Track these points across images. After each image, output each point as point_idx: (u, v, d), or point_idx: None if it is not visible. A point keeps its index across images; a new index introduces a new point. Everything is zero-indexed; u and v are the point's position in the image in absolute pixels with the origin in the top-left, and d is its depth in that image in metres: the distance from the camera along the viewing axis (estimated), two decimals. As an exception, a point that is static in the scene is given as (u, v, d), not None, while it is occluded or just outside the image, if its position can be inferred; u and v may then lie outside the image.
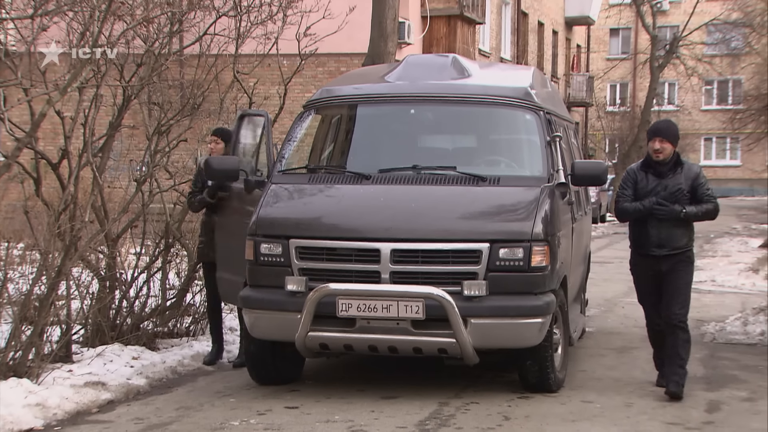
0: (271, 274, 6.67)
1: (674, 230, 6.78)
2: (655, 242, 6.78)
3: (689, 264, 6.87)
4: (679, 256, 6.80)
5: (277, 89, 8.73)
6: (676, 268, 6.78)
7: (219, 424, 6.02)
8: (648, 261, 6.85)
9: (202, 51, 8.40)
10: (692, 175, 6.82)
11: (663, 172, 6.80)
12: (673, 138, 6.81)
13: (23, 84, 6.52)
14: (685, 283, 6.82)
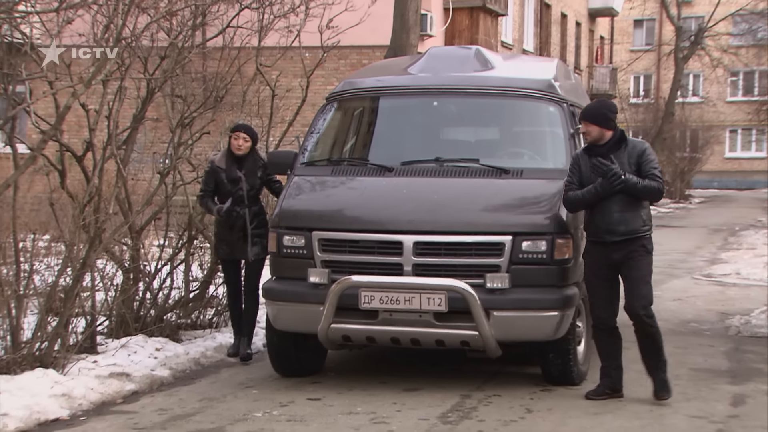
0: (293, 266, 6.69)
1: (625, 213, 6.22)
2: (605, 227, 6.24)
3: (646, 254, 6.29)
4: (633, 244, 6.23)
5: (299, 81, 8.73)
6: (630, 259, 6.24)
7: (242, 416, 6.05)
8: (599, 249, 6.31)
9: (225, 43, 8.41)
10: (637, 152, 6.28)
11: (603, 153, 6.27)
12: (598, 119, 6.24)
13: (48, 77, 6.56)
14: (641, 276, 6.25)
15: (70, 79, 6.77)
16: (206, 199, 7.58)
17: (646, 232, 6.30)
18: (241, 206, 7.40)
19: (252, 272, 7.59)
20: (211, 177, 7.51)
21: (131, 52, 7.20)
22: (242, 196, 7.39)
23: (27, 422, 5.71)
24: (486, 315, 6.27)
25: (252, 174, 7.46)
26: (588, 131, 6.31)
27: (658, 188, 6.23)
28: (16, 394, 5.90)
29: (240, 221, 7.44)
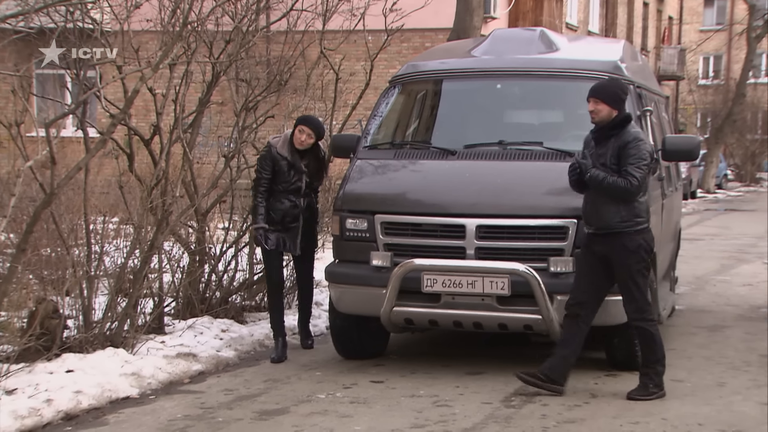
0: (356, 249, 6.72)
1: (603, 206, 5.90)
2: (585, 216, 6.08)
3: (627, 254, 5.87)
4: (612, 241, 5.90)
5: (362, 65, 8.74)
6: (613, 256, 5.91)
7: (306, 397, 6.11)
8: (587, 237, 6.11)
9: (288, 27, 8.45)
10: (622, 142, 5.89)
11: (599, 138, 6.03)
12: (611, 99, 5.95)
13: (117, 62, 6.68)
14: (625, 278, 5.91)
15: (138, 64, 6.89)
16: (259, 191, 7.14)
17: (627, 228, 5.89)
18: (297, 197, 7.18)
19: (308, 262, 7.44)
20: (270, 163, 7.17)
21: (197, 36, 7.29)
22: (300, 187, 7.18)
23: (99, 399, 5.86)
24: (549, 299, 6.23)
25: (312, 167, 7.27)
26: (597, 110, 5.97)
27: (624, 188, 5.82)
28: (88, 372, 6.05)
29: (293, 214, 7.18)
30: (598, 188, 5.89)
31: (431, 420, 5.62)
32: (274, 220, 7.18)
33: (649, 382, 6.02)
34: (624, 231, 5.89)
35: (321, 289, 8.94)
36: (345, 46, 8.87)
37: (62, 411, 5.60)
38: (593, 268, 6.02)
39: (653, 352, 6.01)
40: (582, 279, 6.07)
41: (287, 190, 7.17)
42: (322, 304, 8.57)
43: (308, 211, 7.29)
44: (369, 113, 7.53)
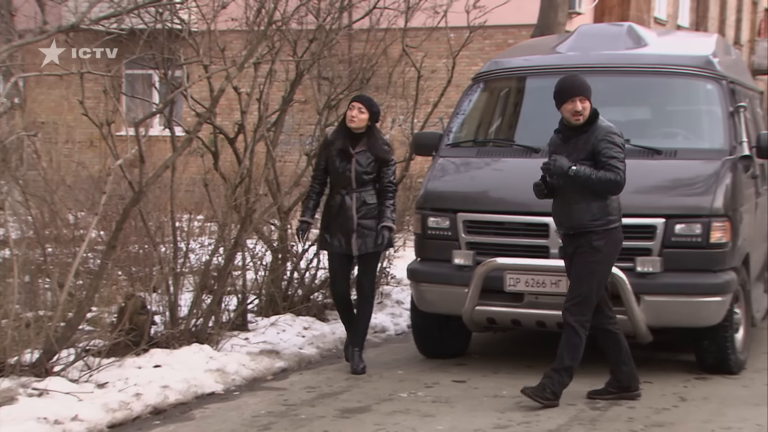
0: (438, 248, 6.70)
1: (573, 205, 5.67)
2: (556, 217, 5.86)
3: (591, 252, 5.62)
4: (580, 239, 5.66)
5: (444, 62, 8.69)
6: (576, 255, 5.70)
7: (388, 395, 6.11)
8: (562, 237, 5.93)
9: (371, 25, 8.46)
10: (597, 136, 5.65)
11: (568, 135, 5.78)
12: (590, 94, 5.76)
13: (203, 61, 6.78)
14: (580, 274, 5.65)
15: (223, 63, 6.98)
16: (312, 184, 6.77)
17: (597, 226, 5.64)
18: (348, 190, 6.55)
19: (364, 272, 6.72)
20: (323, 152, 6.73)
21: (281, 35, 7.35)
22: (349, 177, 6.53)
23: (185, 395, 5.95)
24: (636, 299, 6.10)
25: (366, 155, 6.55)
26: (584, 108, 5.69)
27: (614, 180, 5.58)
28: (175, 368, 6.15)
29: (344, 208, 6.55)
30: (584, 184, 5.58)
31: (514, 421, 5.55)
32: (330, 217, 6.67)
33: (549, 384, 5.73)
34: (594, 229, 5.63)
35: (402, 287, 8.94)
36: (427, 43, 8.83)
37: (151, 405, 5.71)
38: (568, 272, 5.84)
39: (571, 357, 5.71)
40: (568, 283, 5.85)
41: (339, 182, 6.61)
42: (403, 302, 8.57)
43: (365, 207, 6.56)
44: (450, 111, 7.48)
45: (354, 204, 6.54)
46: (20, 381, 5.45)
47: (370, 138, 6.59)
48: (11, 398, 5.22)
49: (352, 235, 6.54)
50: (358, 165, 6.54)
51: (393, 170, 6.67)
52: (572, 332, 5.70)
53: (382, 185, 6.62)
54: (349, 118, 6.56)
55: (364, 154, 6.55)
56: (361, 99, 6.67)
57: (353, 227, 6.53)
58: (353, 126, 6.55)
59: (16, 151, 7.06)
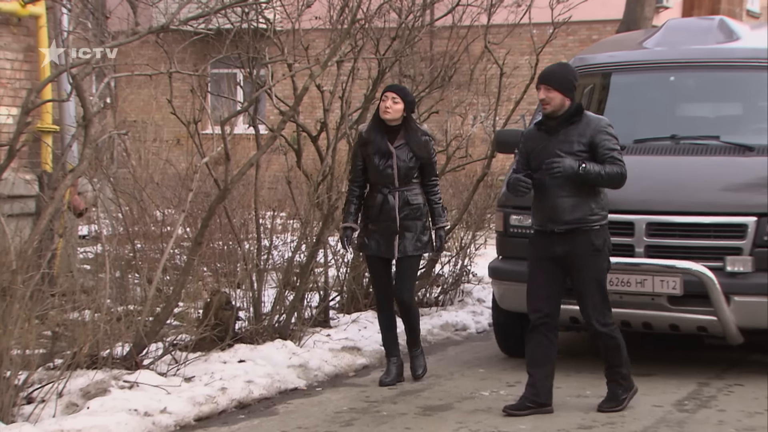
0: (520, 246, 6.60)
1: (566, 199, 5.35)
2: (548, 215, 5.47)
3: (593, 252, 5.39)
4: (578, 238, 5.38)
5: (527, 59, 8.61)
6: (574, 256, 5.40)
7: (469, 394, 6.08)
8: (543, 239, 5.52)
9: (453, 22, 8.43)
10: (593, 129, 5.40)
11: (553, 127, 5.46)
12: (564, 86, 5.42)
13: (288, 60, 6.85)
14: (591, 278, 5.43)
15: (307, 62, 7.05)
16: (351, 186, 6.27)
17: (594, 223, 5.40)
18: (391, 189, 6.10)
19: (402, 277, 6.21)
20: (359, 152, 6.21)
21: (364, 33, 7.39)
22: (391, 175, 6.07)
23: (269, 390, 6.03)
24: (726, 300, 5.95)
25: (406, 149, 6.08)
26: (549, 98, 5.40)
27: (621, 173, 5.40)
28: (259, 363, 6.24)
29: (386, 208, 6.09)
30: (593, 182, 5.34)
31: (598, 422, 5.48)
32: (369, 218, 6.21)
33: (617, 388, 5.62)
34: (591, 226, 5.39)
35: (483, 285, 8.90)
36: (509, 40, 8.77)
37: (236, 399, 5.80)
38: (549, 275, 5.49)
39: (616, 357, 5.55)
40: (540, 290, 5.52)
41: (380, 181, 6.13)
42: (484, 300, 8.53)
43: (408, 207, 6.10)
44: (533, 108, 7.41)
45: (397, 203, 6.07)
46: (112, 373, 5.60)
47: (408, 131, 6.11)
48: (104, 390, 5.37)
49: (395, 237, 6.08)
50: (400, 161, 6.06)
51: (435, 162, 6.26)
52: (607, 338, 5.53)
53: (427, 181, 6.19)
54: (383, 110, 6.06)
55: (404, 149, 6.07)
56: (395, 88, 6.21)
57: (396, 228, 6.07)
58: (388, 117, 6.05)
59: (107, 149, 7.24)
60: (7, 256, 4.96)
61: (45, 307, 5.49)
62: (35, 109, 5.53)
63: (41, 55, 7.49)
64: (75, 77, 5.08)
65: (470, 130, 9.14)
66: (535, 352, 5.57)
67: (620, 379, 5.61)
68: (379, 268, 6.25)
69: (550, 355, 5.58)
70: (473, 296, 8.89)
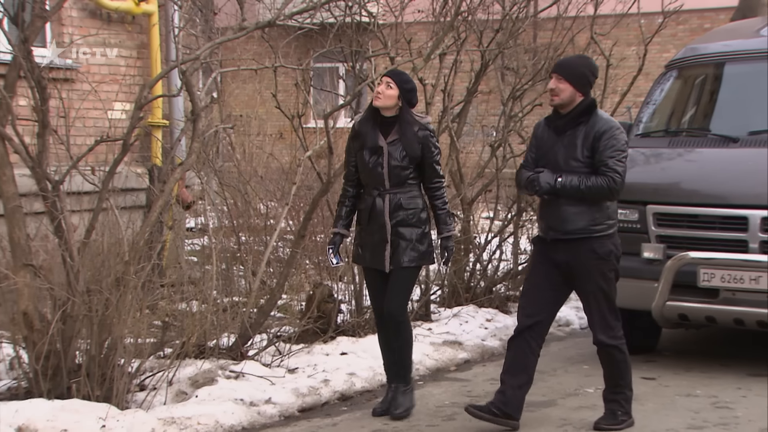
0: (626, 241, 6.39)
1: (565, 207, 4.94)
2: (546, 221, 5.07)
3: (597, 261, 4.96)
4: (580, 247, 4.95)
5: (633, 50, 8.42)
6: (577, 265, 4.98)
7: (573, 390, 5.99)
8: (543, 246, 5.12)
9: (559, 13, 8.29)
10: (596, 132, 4.91)
11: (560, 126, 5.00)
12: (577, 79, 4.95)
13: (390, 53, 6.86)
14: (596, 289, 5.00)
15: (409, 55, 7.04)
16: (344, 186, 5.46)
17: (598, 232, 4.97)
18: (381, 190, 5.24)
19: (393, 290, 5.28)
20: (351, 146, 5.38)
21: (467, 25, 7.33)
22: (381, 174, 5.22)
23: (371, 382, 6.05)
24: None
25: (399, 146, 5.21)
26: (558, 89, 4.95)
27: (607, 188, 4.88)
28: (361, 356, 6.27)
29: (375, 213, 5.24)
30: (574, 196, 4.90)
31: (710, 422, 5.31)
32: (360, 225, 5.41)
33: (618, 409, 5.19)
34: (595, 235, 4.95)
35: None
36: (616, 30, 8.57)
37: (338, 392, 5.85)
38: (550, 281, 5.08)
39: (623, 376, 5.17)
40: (537, 293, 5.12)
41: (370, 181, 5.29)
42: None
43: (402, 211, 5.21)
44: (639, 100, 7.24)
45: (387, 208, 5.22)
46: (219, 363, 5.72)
47: (402, 124, 5.22)
48: (211, 379, 5.49)
49: (386, 247, 5.23)
50: (392, 159, 5.20)
51: (438, 160, 5.32)
52: (610, 354, 5.14)
53: (429, 184, 5.29)
54: (375, 95, 5.23)
55: (397, 145, 5.21)
56: (391, 72, 5.36)
57: (386, 237, 5.22)
58: (379, 104, 5.19)
59: (213, 143, 7.39)
60: (120, 248, 5.10)
61: (155, 298, 5.63)
62: (147, 104, 5.66)
63: (153, 52, 7.71)
64: (185, 73, 5.20)
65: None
66: (514, 359, 5.16)
67: (623, 400, 5.19)
68: (375, 281, 5.37)
69: (528, 365, 5.16)
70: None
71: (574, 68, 5.00)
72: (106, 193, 5.07)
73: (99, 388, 4.95)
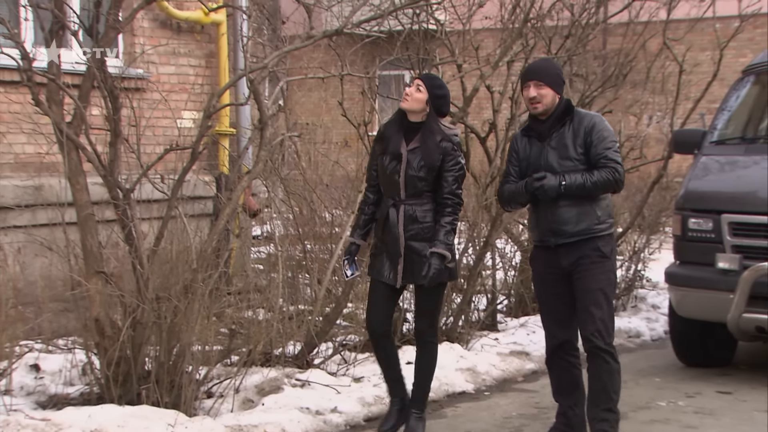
0: (699, 251, 6.37)
1: (568, 209, 4.72)
2: (548, 227, 4.81)
3: (600, 260, 4.73)
4: (585, 247, 4.73)
5: (708, 55, 8.21)
6: (581, 266, 4.74)
7: (645, 403, 5.86)
8: (546, 254, 4.87)
9: (630, 19, 8.13)
10: (585, 127, 4.72)
11: (543, 131, 4.79)
12: (554, 80, 4.77)
13: (458, 61, 6.81)
14: (594, 289, 4.72)
15: (477, 62, 6.98)
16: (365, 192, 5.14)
17: (602, 231, 4.76)
18: (396, 200, 4.90)
19: (419, 311, 5.06)
20: (376, 149, 5.06)
21: (536, 32, 7.24)
22: (397, 183, 4.89)
23: (437, 392, 5.98)
24: None
25: (419, 154, 4.85)
26: (541, 95, 4.72)
27: (613, 179, 4.69)
28: (428, 365, 6.21)
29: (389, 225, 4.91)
30: (580, 194, 4.70)
31: (790, 440, 5.15)
32: (377, 235, 5.04)
33: (613, 419, 4.83)
34: (599, 234, 4.74)
35: (658, 291, 8.58)
36: (690, 35, 8.38)
37: (404, 401, 5.78)
38: (562, 298, 4.84)
39: (615, 389, 4.81)
40: (554, 316, 4.90)
41: (387, 190, 4.98)
42: (659, 307, 8.21)
43: (416, 224, 4.86)
44: (713, 107, 7.06)
45: (401, 220, 4.88)
46: (285, 371, 5.72)
47: (425, 132, 4.87)
48: (277, 387, 5.49)
49: (399, 261, 4.89)
50: (409, 167, 4.85)
51: (457, 176, 4.89)
52: (610, 358, 4.77)
53: (439, 198, 4.88)
54: (404, 99, 4.94)
55: (417, 153, 4.86)
56: (425, 76, 5.09)
57: (399, 251, 4.89)
58: (405, 107, 4.90)
59: (279, 151, 7.42)
60: (188, 255, 5.14)
61: (222, 305, 5.65)
62: (215, 113, 5.70)
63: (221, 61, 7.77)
64: (253, 81, 5.22)
65: (645, 130, 8.81)
66: (558, 379, 5.00)
67: (614, 421, 4.82)
68: (379, 293, 5.01)
69: (574, 380, 4.97)
70: (647, 302, 8.60)
71: (551, 72, 4.82)
72: (175, 201, 5.11)
73: (168, 395, 4.99)
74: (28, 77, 4.81)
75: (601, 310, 4.72)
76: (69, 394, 5.26)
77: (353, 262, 5.07)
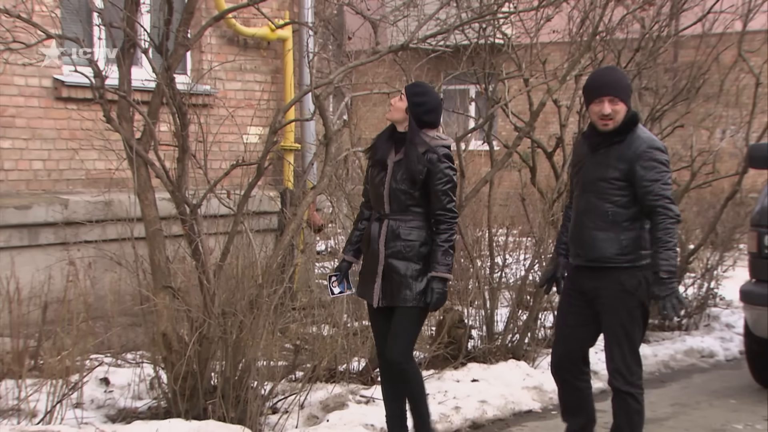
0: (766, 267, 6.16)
1: (593, 232, 4.37)
2: (574, 245, 4.52)
3: (623, 295, 4.33)
4: (606, 278, 4.36)
5: (787, 67, 7.98)
6: (601, 297, 4.40)
7: (720, 426, 5.69)
8: (572, 271, 4.61)
9: (703, 31, 7.95)
10: (636, 150, 4.27)
11: (599, 143, 4.40)
12: (628, 95, 4.39)
13: (524, 75, 6.73)
14: (618, 324, 4.37)
15: (544, 76, 6.89)
16: (361, 208, 4.91)
17: (627, 262, 4.34)
18: (381, 214, 4.66)
19: (393, 332, 4.62)
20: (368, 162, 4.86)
21: (605, 45, 7.12)
22: (382, 195, 4.64)
23: (503, 411, 5.90)
24: None
25: (403, 165, 4.58)
26: (615, 111, 4.30)
27: (673, 228, 4.22)
28: (492, 383, 6.13)
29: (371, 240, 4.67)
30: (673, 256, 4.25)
31: None
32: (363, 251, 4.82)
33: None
34: (621, 265, 4.33)
35: (732, 310, 8.34)
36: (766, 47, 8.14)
37: (469, 419, 5.72)
38: (581, 315, 4.55)
39: (636, 427, 4.49)
40: (569, 329, 4.62)
41: (374, 203, 4.75)
42: (734, 326, 7.99)
43: (399, 241, 4.58)
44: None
45: (383, 235, 4.62)
46: (349, 388, 5.68)
47: (406, 142, 4.58)
48: (342, 404, 5.46)
49: (375, 278, 4.63)
50: (393, 179, 4.59)
51: (446, 190, 4.54)
52: (626, 402, 4.47)
53: (432, 215, 4.58)
54: (387, 111, 4.75)
55: (401, 166, 4.59)
56: (408, 84, 4.81)
57: (377, 269, 4.63)
58: (387, 117, 4.72)
59: (343, 166, 7.42)
60: (254, 271, 5.14)
61: (287, 321, 5.64)
62: (281, 128, 5.71)
63: (287, 77, 7.81)
64: (318, 97, 5.21)
65: (718, 144, 8.59)
66: (567, 399, 4.75)
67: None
68: (376, 318, 4.76)
69: (581, 401, 4.72)
70: (721, 321, 8.37)
71: (624, 84, 4.41)
72: (240, 217, 5.12)
73: (233, 410, 4.99)
74: (100, 94, 4.88)
75: (621, 350, 4.41)
76: (137, 408, 5.30)
77: (344, 279, 4.85)
